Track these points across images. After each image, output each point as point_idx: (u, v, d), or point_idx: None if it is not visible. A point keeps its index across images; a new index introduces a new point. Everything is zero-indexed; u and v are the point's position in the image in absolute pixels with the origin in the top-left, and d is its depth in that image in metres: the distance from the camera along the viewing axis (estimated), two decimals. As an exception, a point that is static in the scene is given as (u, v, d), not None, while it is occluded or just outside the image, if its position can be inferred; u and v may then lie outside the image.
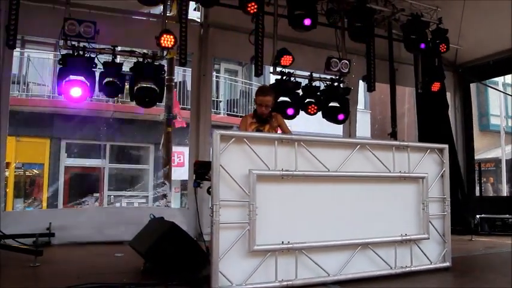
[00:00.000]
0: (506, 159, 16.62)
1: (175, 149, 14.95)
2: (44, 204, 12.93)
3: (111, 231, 6.78)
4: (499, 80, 14.48)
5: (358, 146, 4.12)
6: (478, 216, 8.12)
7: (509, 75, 14.55)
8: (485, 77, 10.17)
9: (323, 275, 3.82)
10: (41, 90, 13.53)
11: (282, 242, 3.67)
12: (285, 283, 3.63)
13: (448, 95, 9.31)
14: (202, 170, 3.84)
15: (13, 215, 8.27)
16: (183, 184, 13.88)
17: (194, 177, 4.03)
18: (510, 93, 16.29)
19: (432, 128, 8.31)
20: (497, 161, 16.69)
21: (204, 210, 7.35)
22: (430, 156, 4.57)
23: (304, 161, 3.85)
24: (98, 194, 13.75)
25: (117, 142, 14.01)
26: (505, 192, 15.81)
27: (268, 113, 4.56)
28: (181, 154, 14.65)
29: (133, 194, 14.23)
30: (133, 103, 13.01)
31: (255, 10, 6.56)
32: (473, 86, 11.13)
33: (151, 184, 14.65)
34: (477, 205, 8.46)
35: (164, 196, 9.80)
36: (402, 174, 4.32)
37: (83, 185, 13.66)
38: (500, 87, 14.48)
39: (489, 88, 15.52)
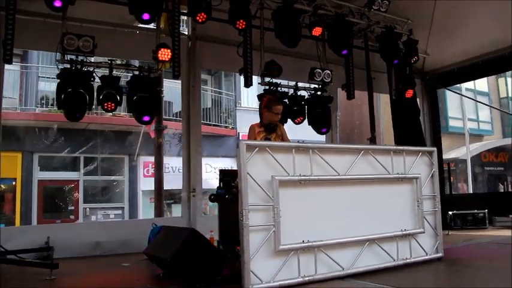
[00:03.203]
0: (463, 159, 17.76)
1: (148, 159, 15.07)
2: (17, 220, 12.64)
3: (107, 245, 6.88)
4: (462, 86, 15.49)
5: (362, 152, 4.54)
6: (450, 212, 8.76)
7: (472, 82, 15.58)
8: (451, 83, 10.94)
9: (338, 270, 4.19)
10: (10, 103, 13.26)
11: (303, 241, 4.01)
12: (307, 278, 3.98)
13: (417, 101, 9.96)
14: (227, 178, 4.10)
15: (7, 230, 8.13)
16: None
17: (221, 185, 4.29)
18: (477, 100, 17.39)
19: (406, 132, 8.90)
20: (457, 161, 17.78)
21: (197, 218, 7.61)
22: (422, 159, 5.06)
23: (317, 166, 4.21)
24: (72, 207, 13.62)
25: (92, 154, 13.91)
26: (470, 189, 16.88)
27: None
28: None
29: (108, 206, 14.17)
30: (108, 114, 13.29)
31: (243, 26, 6.90)
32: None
33: (127, 195, 14.64)
34: (448, 202, 9.10)
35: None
36: (400, 175, 4.77)
37: (57, 199, 13.47)
38: (463, 93, 15.50)
39: (447, 93, 16.59)
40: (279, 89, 7.59)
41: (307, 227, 4.08)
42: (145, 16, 6.13)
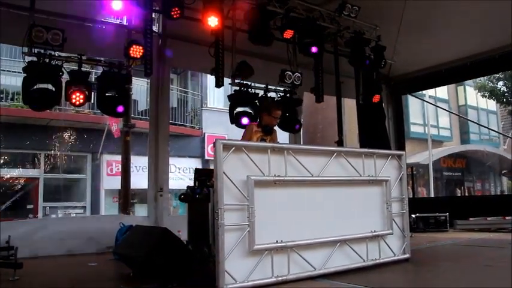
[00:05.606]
0: (424, 164, 18.35)
1: (111, 157, 14.75)
2: (-29, 218, 12.06)
3: (71, 243, 6.68)
4: (426, 92, 16.01)
5: (335, 154, 4.60)
6: (413, 215, 9.00)
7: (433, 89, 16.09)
8: (415, 89, 11.27)
9: (310, 270, 4.23)
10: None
11: (276, 241, 4.03)
12: (280, 278, 4.00)
13: (383, 106, 10.19)
14: (203, 177, 4.07)
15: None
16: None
17: (197, 185, 4.25)
18: (443, 108, 17.95)
19: (373, 136, 9.10)
20: (416, 166, 18.33)
21: (164, 217, 7.50)
22: (391, 162, 5.18)
23: (291, 167, 4.24)
24: (32, 206, 13.13)
25: (53, 151, 13.47)
26: (432, 193, 17.43)
27: None
28: (119, 163, 14.41)
29: (70, 205, 13.76)
30: (71, 111, 12.92)
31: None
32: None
33: (89, 194, 14.27)
34: (411, 205, 9.35)
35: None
36: (370, 177, 4.87)
37: (16, 197, 12.94)
38: (427, 99, 16.00)
39: (409, 99, 17.09)
40: (249, 90, 7.60)
41: (280, 227, 4.11)
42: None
